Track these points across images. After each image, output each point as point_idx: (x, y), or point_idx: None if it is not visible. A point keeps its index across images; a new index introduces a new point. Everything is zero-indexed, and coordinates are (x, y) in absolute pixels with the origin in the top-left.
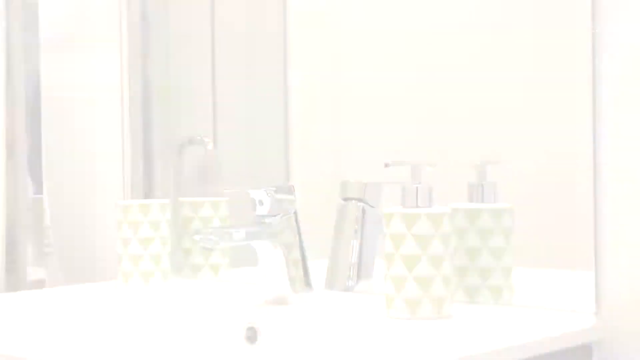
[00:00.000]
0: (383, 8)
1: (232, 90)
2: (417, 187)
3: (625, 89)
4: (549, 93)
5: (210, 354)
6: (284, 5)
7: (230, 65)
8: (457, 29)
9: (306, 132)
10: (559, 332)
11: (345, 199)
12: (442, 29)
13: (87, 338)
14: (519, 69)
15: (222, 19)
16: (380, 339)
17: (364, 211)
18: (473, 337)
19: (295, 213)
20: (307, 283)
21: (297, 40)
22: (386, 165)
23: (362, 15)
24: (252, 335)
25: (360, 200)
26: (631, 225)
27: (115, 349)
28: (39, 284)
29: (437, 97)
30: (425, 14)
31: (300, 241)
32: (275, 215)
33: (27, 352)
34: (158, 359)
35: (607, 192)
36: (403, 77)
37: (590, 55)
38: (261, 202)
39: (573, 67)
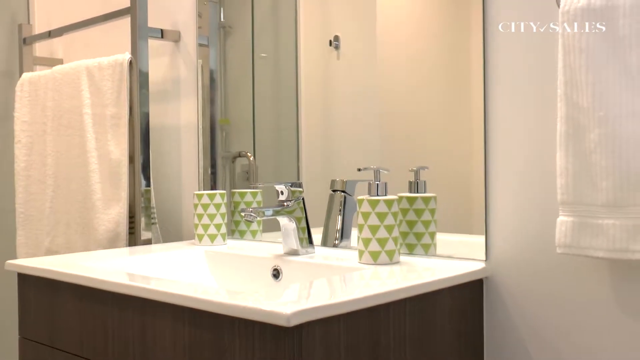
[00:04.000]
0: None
1: (265, 124)
2: (377, 183)
3: (505, 115)
4: (455, 124)
5: (250, 285)
6: (296, 71)
7: (264, 109)
8: (405, 91)
9: (310, 150)
10: (463, 272)
11: (334, 191)
12: (395, 90)
13: (178, 271)
14: (437, 113)
15: (259, 80)
16: (355, 276)
17: (345, 198)
18: (412, 275)
19: (303, 199)
20: (310, 242)
21: (305, 93)
22: (359, 169)
23: (346, 81)
24: (276, 274)
25: (342, 191)
26: (507, 207)
27: (194, 277)
28: (147, 242)
29: (389, 131)
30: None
31: (306, 216)
32: (290, 201)
33: (145, 280)
34: (219, 285)
35: (492, 187)
36: (369, 119)
37: (482, 97)
38: (282, 192)
39: (470, 108)
